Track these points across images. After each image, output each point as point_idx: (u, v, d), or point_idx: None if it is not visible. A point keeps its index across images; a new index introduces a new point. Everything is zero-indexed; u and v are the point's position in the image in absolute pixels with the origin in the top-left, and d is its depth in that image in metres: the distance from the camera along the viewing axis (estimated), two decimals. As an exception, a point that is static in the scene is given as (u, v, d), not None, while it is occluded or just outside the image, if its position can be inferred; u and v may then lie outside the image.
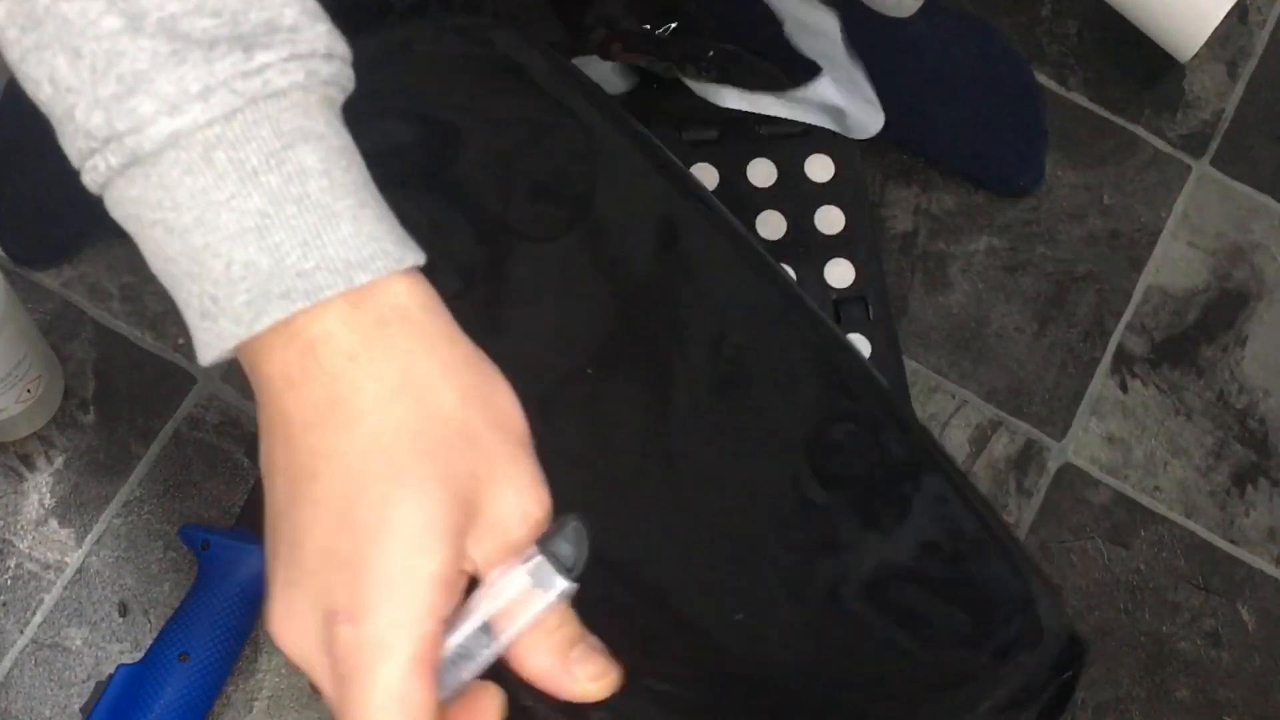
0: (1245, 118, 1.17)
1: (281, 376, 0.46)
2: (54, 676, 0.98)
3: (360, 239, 0.46)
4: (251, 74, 0.45)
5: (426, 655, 0.44)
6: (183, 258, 0.48)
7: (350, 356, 0.46)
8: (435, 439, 0.46)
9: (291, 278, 0.46)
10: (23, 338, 0.96)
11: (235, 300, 0.46)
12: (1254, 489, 1.08)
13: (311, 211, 0.46)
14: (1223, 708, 1.02)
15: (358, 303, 0.46)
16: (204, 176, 0.46)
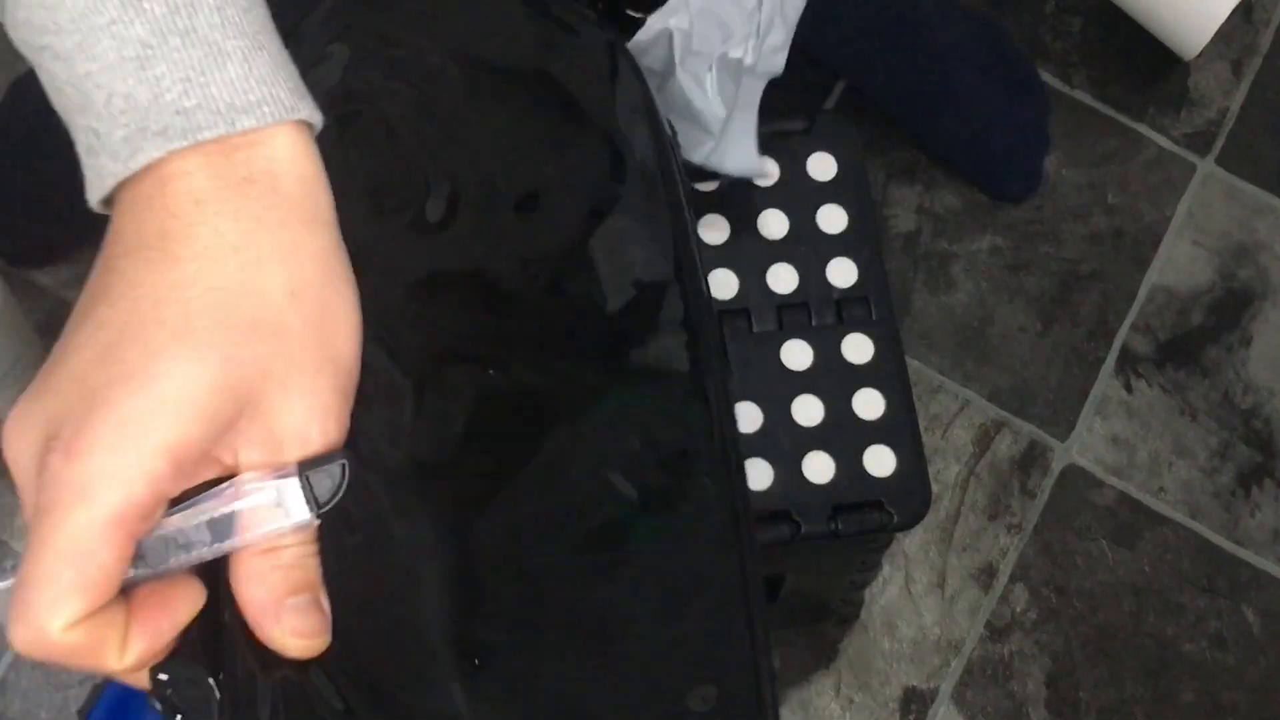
0: (1250, 116, 1.17)
1: (130, 205, 0.44)
2: (51, 679, 0.98)
3: (249, 81, 0.43)
4: None
5: (128, 519, 0.41)
6: (69, 87, 0.44)
7: (197, 200, 0.43)
8: (240, 317, 0.42)
9: (170, 115, 0.42)
10: (18, 338, 0.95)
11: (114, 135, 0.43)
12: (1259, 490, 1.07)
13: (197, 46, 0.43)
14: (1227, 710, 1.02)
15: (229, 152, 0.43)
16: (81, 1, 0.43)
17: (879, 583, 1.03)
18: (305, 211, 0.44)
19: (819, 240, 0.84)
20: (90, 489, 0.40)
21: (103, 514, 0.40)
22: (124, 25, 0.42)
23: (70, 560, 0.40)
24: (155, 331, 0.42)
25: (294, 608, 0.44)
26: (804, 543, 0.79)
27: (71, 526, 0.40)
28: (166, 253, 0.43)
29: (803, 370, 0.82)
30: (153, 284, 0.42)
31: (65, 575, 0.40)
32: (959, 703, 1.01)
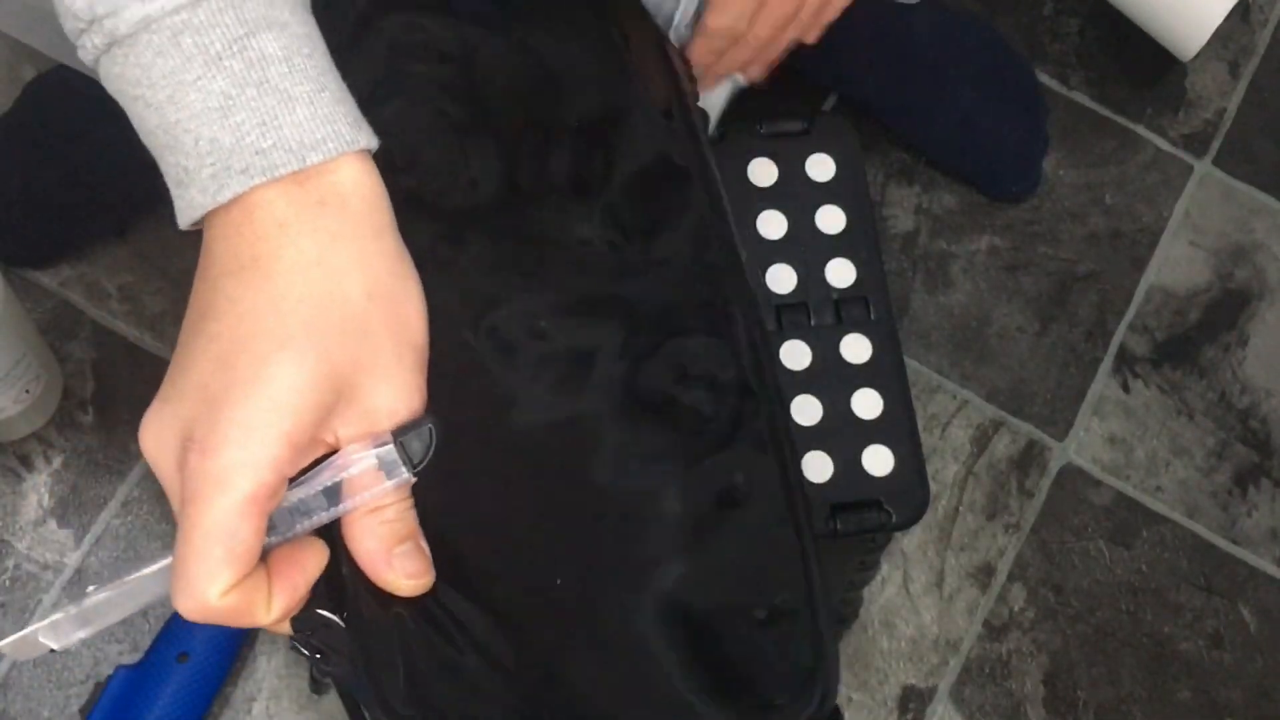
0: (1247, 117, 1.17)
1: (221, 232, 0.51)
2: (53, 677, 0.98)
3: (315, 121, 0.51)
4: None
5: (260, 499, 0.49)
6: (160, 131, 0.51)
7: (280, 224, 0.51)
8: (330, 319, 0.50)
9: (250, 155, 0.50)
10: (21, 338, 0.96)
11: (202, 173, 0.51)
12: (1256, 489, 1.07)
13: (270, 95, 0.50)
14: (1224, 708, 1.02)
15: (303, 181, 0.51)
16: (173, 59, 0.50)
17: (877, 582, 1.03)
18: (372, 224, 0.52)
19: (818, 241, 0.84)
20: (226, 479, 0.48)
21: (239, 498, 0.48)
22: (208, 80, 0.50)
23: (218, 539, 0.48)
24: (260, 341, 0.49)
25: (401, 554, 0.52)
26: (803, 542, 0.79)
27: (216, 512, 0.48)
28: (260, 271, 0.50)
29: (801, 370, 0.82)
30: (253, 300, 0.50)
31: (216, 552, 0.48)
32: (957, 701, 1.01)
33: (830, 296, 0.83)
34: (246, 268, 0.50)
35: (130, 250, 1.08)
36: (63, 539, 1.01)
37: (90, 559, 1.01)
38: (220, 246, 0.51)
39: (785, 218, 0.85)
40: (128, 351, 1.06)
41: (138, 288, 1.07)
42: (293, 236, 0.51)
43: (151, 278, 1.07)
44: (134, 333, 1.06)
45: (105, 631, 0.99)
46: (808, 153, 0.86)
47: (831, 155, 0.86)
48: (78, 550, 1.01)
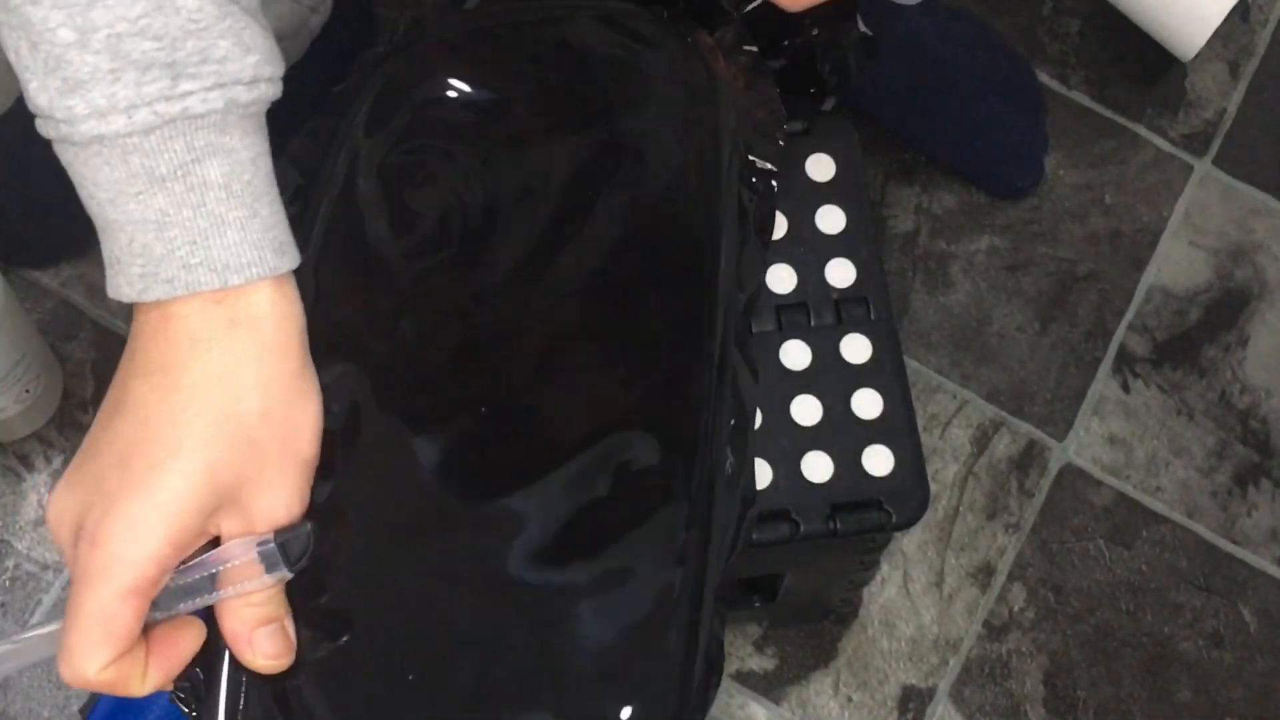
0: (1247, 117, 1.17)
1: (139, 329, 0.56)
2: (53, 677, 0.98)
3: (242, 246, 0.55)
4: (174, 99, 0.53)
5: (140, 590, 0.54)
6: (99, 219, 0.56)
7: (193, 339, 0.55)
8: (223, 434, 0.55)
9: (177, 268, 0.55)
10: (21, 337, 0.96)
11: (132, 269, 0.55)
12: (1256, 489, 1.07)
13: (205, 218, 0.55)
14: (1224, 708, 1.02)
15: (221, 299, 0.56)
16: (119, 171, 0.54)
17: (877, 582, 1.03)
18: (279, 346, 0.57)
19: (818, 241, 0.84)
20: (110, 570, 0.54)
21: (120, 588, 0.54)
22: (149, 196, 0.54)
23: (99, 622, 0.54)
24: (156, 448, 0.54)
25: (262, 635, 0.57)
26: (803, 542, 0.79)
27: (98, 598, 0.54)
28: (168, 380, 0.55)
29: (801, 370, 0.82)
30: (156, 408, 0.55)
31: (95, 633, 0.54)
32: (957, 701, 1.01)
33: (830, 296, 0.83)
34: (155, 374, 0.55)
35: (130, 250, 1.08)
36: (63, 539, 1.01)
37: (90, 559, 1.01)
38: (137, 345, 0.56)
39: (785, 218, 0.85)
40: (128, 351, 1.06)
41: (138, 288, 1.07)
42: (202, 352, 0.55)
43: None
44: (134, 333, 1.06)
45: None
46: (808, 153, 0.86)
47: (831, 155, 0.86)
48: (78, 550, 1.01)
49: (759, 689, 1.00)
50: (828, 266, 0.84)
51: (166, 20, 0.53)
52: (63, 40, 0.52)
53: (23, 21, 0.53)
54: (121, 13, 0.52)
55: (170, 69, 0.53)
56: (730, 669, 1.01)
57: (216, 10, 0.54)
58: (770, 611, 0.98)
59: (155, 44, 0.53)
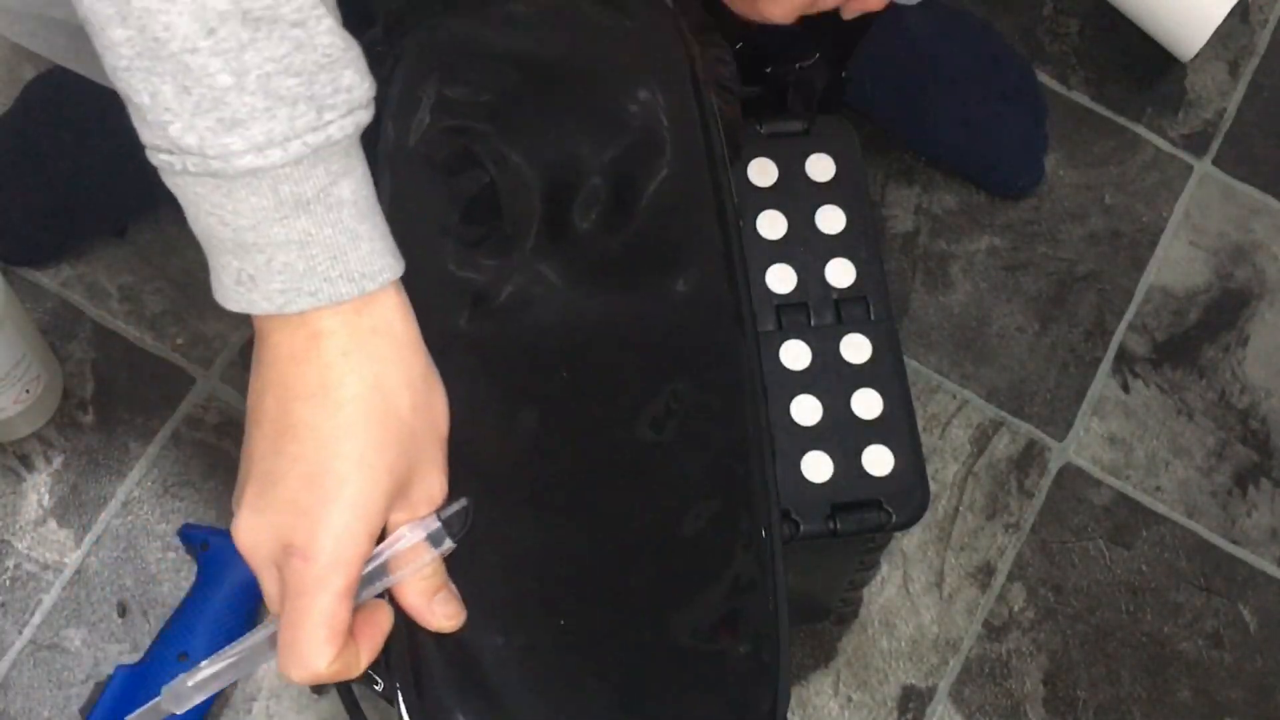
0: (1247, 117, 1.17)
1: (289, 351, 0.60)
2: (53, 677, 0.98)
3: (375, 257, 0.61)
4: (319, 129, 0.58)
5: (352, 588, 0.61)
6: (230, 242, 0.59)
7: (344, 353, 0.60)
8: (390, 435, 0.61)
9: (319, 282, 0.59)
10: (22, 337, 0.96)
11: (271, 285, 0.59)
12: (1256, 489, 1.07)
13: (343, 234, 0.60)
14: (1224, 708, 1.02)
15: (361, 310, 0.61)
16: (267, 200, 0.58)
17: (877, 582, 1.03)
18: (411, 342, 0.63)
19: (818, 241, 0.85)
20: (327, 579, 0.60)
21: (337, 591, 0.60)
22: (294, 219, 0.59)
23: (324, 623, 0.60)
24: (340, 464, 0.60)
25: (440, 601, 0.64)
26: (803, 542, 0.79)
27: (321, 604, 0.60)
28: (330, 398, 0.60)
29: (801, 370, 0.82)
30: (327, 427, 0.60)
31: (322, 634, 0.60)
32: (957, 701, 1.01)
33: (830, 296, 0.83)
34: (316, 395, 0.60)
35: (130, 250, 1.08)
36: (63, 539, 1.01)
37: (90, 559, 1.01)
38: (289, 368, 0.61)
39: (785, 218, 0.85)
40: (128, 352, 1.06)
41: (138, 288, 1.07)
42: (354, 364, 0.61)
43: (151, 278, 1.07)
44: (134, 333, 1.06)
45: (106, 632, 0.99)
46: (808, 153, 0.86)
47: (831, 155, 0.86)
48: (78, 550, 1.01)
49: (759, 689, 1.00)
50: (828, 266, 0.84)
51: (305, 57, 0.58)
52: (222, 84, 0.57)
53: (178, 68, 0.56)
54: (269, 53, 0.57)
55: (312, 102, 0.58)
56: (730, 669, 1.01)
57: (343, 43, 0.59)
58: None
59: (297, 79, 0.58)
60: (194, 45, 0.56)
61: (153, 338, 1.06)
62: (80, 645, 0.99)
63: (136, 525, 1.02)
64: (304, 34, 0.58)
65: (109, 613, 1.00)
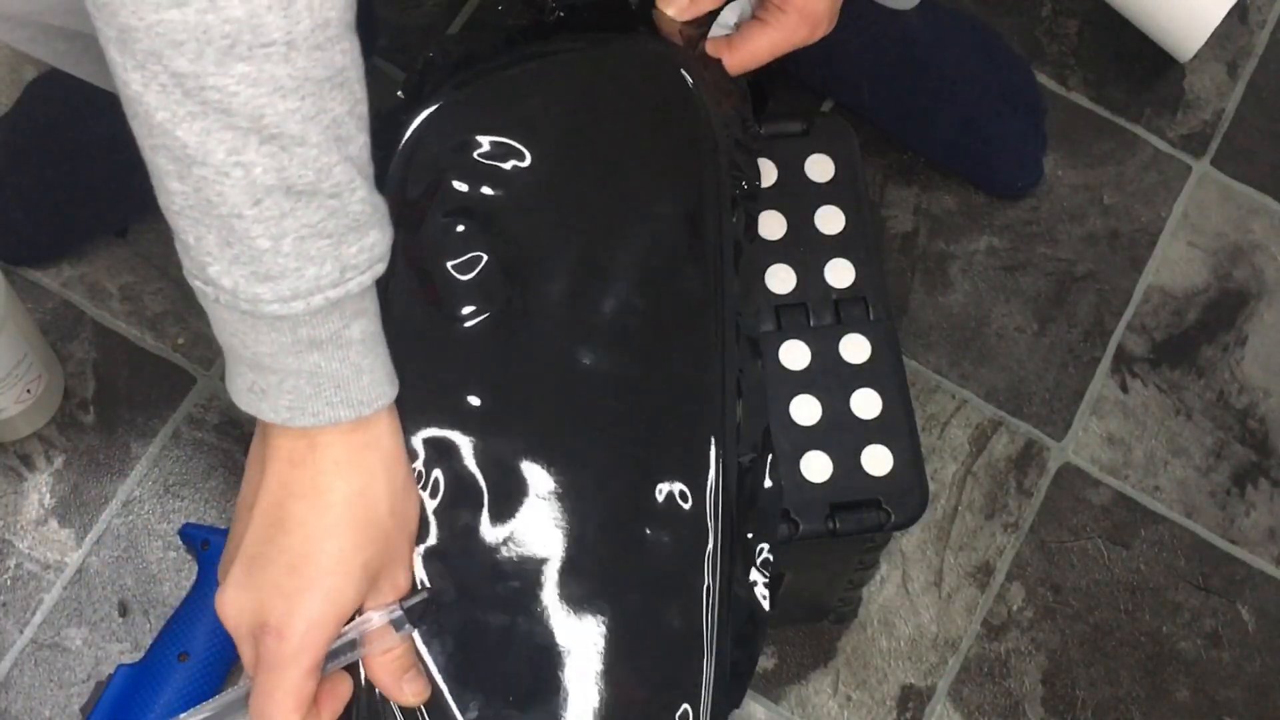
0: (1245, 118, 1.18)
1: (289, 454, 0.67)
2: (54, 676, 0.98)
3: (373, 387, 0.67)
4: (341, 284, 0.64)
5: (318, 665, 0.68)
6: (247, 360, 0.66)
7: (336, 462, 0.67)
8: (369, 537, 0.68)
9: (322, 405, 0.66)
10: (23, 337, 0.96)
11: (279, 401, 0.66)
12: (1254, 489, 1.08)
13: (349, 369, 0.66)
14: (1223, 708, 1.02)
15: (356, 428, 0.68)
16: (286, 338, 0.65)
17: (876, 581, 1.03)
18: (396, 455, 0.70)
19: (817, 241, 0.85)
20: (298, 656, 0.67)
21: (306, 667, 0.67)
22: (306, 354, 0.65)
23: (292, 694, 0.67)
24: (322, 558, 0.67)
25: (408, 679, 0.71)
26: (802, 541, 0.80)
27: (290, 678, 0.67)
28: (320, 501, 0.67)
29: (801, 370, 0.82)
30: (315, 524, 0.67)
31: (290, 704, 0.67)
32: (956, 700, 1.01)
33: (829, 297, 0.83)
34: (309, 495, 0.67)
35: (130, 250, 1.08)
36: (64, 538, 1.01)
37: (91, 558, 1.01)
38: (289, 470, 0.67)
39: (785, 218, 0.85)
40: (128, 351, 1.06)
41: (138, 288, 1.07)
42: (344, 472, 0.67)
43: (152, 278, 1.07)
44: (135, 333, 1.06)
45: (107, 631, 0.99)
46: (807, 153, 0.86)
47: (831, 156, 0.86)
48: (79, 550, 1.01)
49: (758, 688, 1.00)
50: (827, 267, 0.84)
51: (337, 222, 0.63)
52: (260, 247, 0.62)
53: (223, 226, 0.62)
54: (305, 219, 0.63)
55: (338, 261, 0.64)
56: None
57: (371, 207, 0.65)
58: (769, 612, 0.99)
59: (328, 241, 0.63)
60: (240, 212, 0.62)
61: (153, 338, 1.06)
62: (81, 645, 0.99)
63: (137, 525, 1.02)
64: (338, 203, 0.63)
65: (110, 612, 1.00)
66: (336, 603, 0.67)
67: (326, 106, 0.62)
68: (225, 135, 0.61)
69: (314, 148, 0.62)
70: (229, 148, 0.61)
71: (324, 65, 0.61)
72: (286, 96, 0.60)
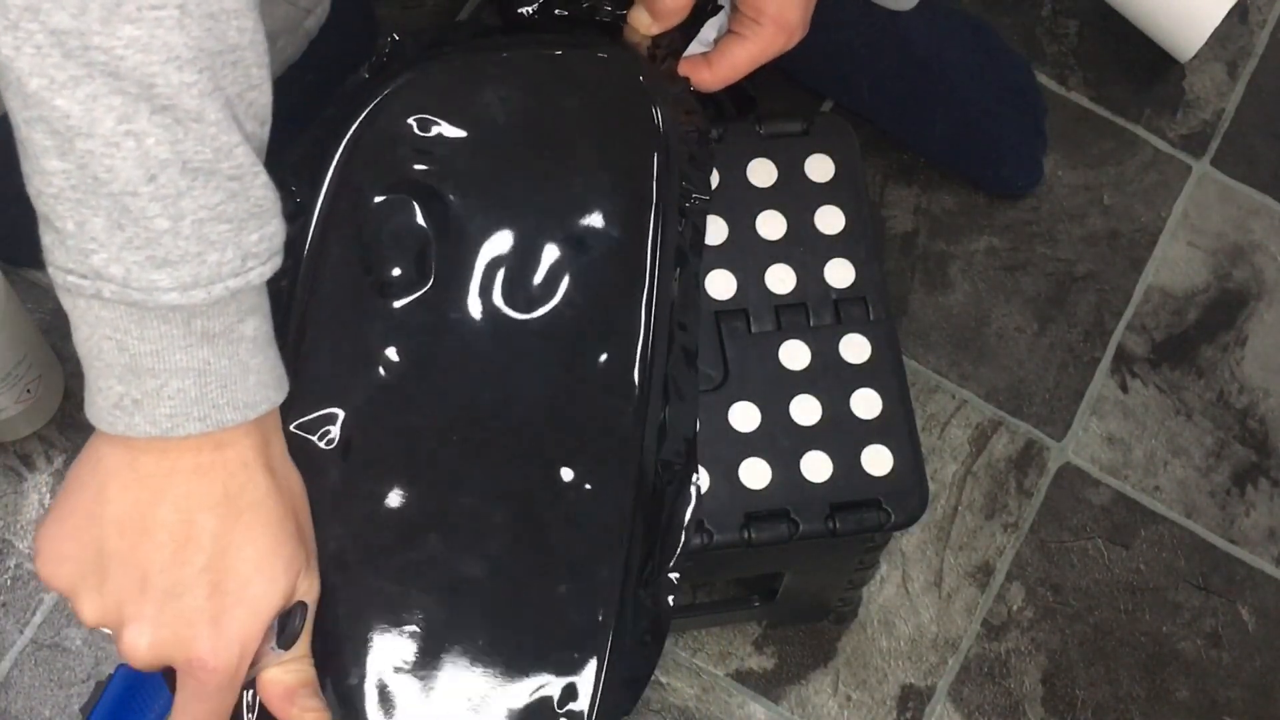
0: (1245, 118, 1.18)
1: (193, 465, 0.63)
2: (54, 676, 0.98)
3: (259, 390, 0.64)
4: (242, 274, 0.61)
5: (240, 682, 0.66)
6: (119, 367, 0.61)
7: (244, 463, 0.64)
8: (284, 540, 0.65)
9: (208, 408, 0.62)
10: (22, 337, 0.96)
11: (158, 410, 0.61)
12: (1254, 489, 1.08)
13: (236, 367, 0.62)
14: (1223, 708, 1.02)
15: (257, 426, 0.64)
16: (176, 331, 0.60)
17: (876, 581, 1.04)
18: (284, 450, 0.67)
19: (817, 241, 0.85)
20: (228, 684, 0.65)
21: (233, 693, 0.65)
22: (196, 349, 0.61)
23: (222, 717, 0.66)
24: (243, 567, 0.63)
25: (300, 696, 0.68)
26: (802, 541, 0.80)
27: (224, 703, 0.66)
28: (233, 507, 0.63)
29: (800, 370, 0.82)
30: (230, 534, 0.63)
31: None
32: (956, 700, 1.01)
33: (829, 297, 0.83)
34: (220, 504, 0.63)
35: (131, 250, 1.08)
36: (64, 538, 1.01)
37: (91, 558, 1.01)
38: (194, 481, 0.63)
39: (784, 218, 0.85)
40: (128, 351, 1.06)
41: (138, 288, 1.07)
42: (253, 473, 0.64)
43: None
44: (135, 333, 1.06)
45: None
46: (807, 153, 0.86)
47: (831, 156, 0.86)
48: (79, 550, 1.01)
49: (758, 688, 1.01)
50: (827, 267, 0.84)
51: (238, 206, 0.60)
52: (158, 227, 0.58)
53: (115, 207, 0.58)
54: (204, 201, 0.59)
55: (238, 249, 0.60)
56: (729, 668, 1.01)
57: (272, 194, 0.62)
58: (769, 611, 0.99)
59: (228, 226, 0.60)
60: (135, 189, 0.58)
61: (153, 338, 1.06)
62: (81, 645, 0.99)
63: (137, 525, 1.02)
64: (239, 186, 0.60)
65: (110, 612, 1.00)
66: (262, 614, 0.65)
67: (222, 84, 0.58)
68: (114, 101, 0.56)
69: (212, 125, 0.58)
70: (119, 115, 0.56)
71: (217, 38, 0.57)
72: (183, 68, 0.56)
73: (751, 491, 0.79)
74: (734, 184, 0.85)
